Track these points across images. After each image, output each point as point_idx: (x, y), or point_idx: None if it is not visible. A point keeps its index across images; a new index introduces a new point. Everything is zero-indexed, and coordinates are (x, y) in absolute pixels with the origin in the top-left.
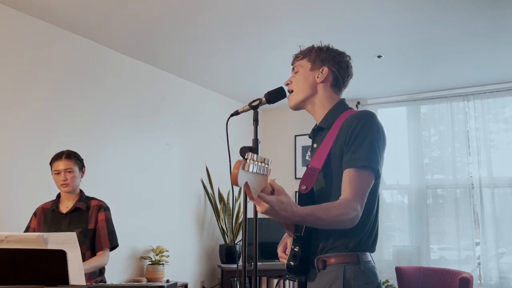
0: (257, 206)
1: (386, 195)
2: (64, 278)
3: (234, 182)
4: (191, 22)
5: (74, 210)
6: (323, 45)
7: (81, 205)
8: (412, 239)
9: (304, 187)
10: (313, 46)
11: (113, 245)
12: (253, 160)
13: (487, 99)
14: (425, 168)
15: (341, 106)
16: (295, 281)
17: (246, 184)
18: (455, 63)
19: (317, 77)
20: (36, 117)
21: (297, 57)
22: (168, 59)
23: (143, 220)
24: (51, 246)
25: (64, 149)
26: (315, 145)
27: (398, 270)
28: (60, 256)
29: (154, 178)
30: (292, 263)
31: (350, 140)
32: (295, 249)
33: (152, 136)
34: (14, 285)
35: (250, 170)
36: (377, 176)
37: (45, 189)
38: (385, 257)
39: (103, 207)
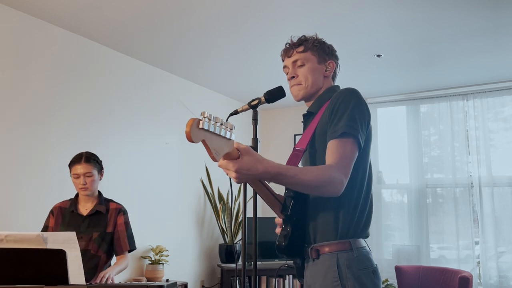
0: (228, 173)
1: (385, 195)
2: (64, 278)
3: (188, 138)
4: (190, 21)
5: (94, 213)
6: (316, 37)
7: (102, 208)
8: (412, 238)
9: None
10: (306, 37)
11: (132, 248)
12: (209, 119)
13: (486, 98)
14: (424, 168)
15: (330, 91)
16: (288, 266)
17: (204, 142)
18: (455, 62)
19: (326, 71)
20: (35, 117)
21: (296, 49)
22: (167, 58)
23: (142, 219)
24: (50, 245)
25: (63, 149)
26: (305, 130)
27: (398, 269)
28: (60, 256)
29: (153, 177)
30: (282, 243)
31: (332, 115)
32: (287, 229)
33: (151, 135)
34: (14, 284)
35: (206, 127)
36: (359, 144)
37: (45, 188)
38: (384, 256)
39: (122, 211)
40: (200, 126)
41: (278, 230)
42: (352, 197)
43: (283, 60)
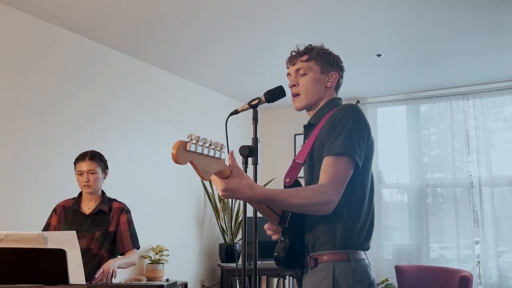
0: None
1: (385, 194)
2: (64, 277)
3: (175, 161)
4: (190, 20)
5: (97, 212)
6: (323, 47)
7: (104, 207)
8: (412, 238)
9: (287, 180)
10: (312, 47)
11: (136, 247)
12: (196, 141)
13: (486, 98)
14: (424, 167)
15: (332, 103)
16: (289, 275)
17: (192, 163)
18: (455, 62)
19: (328, 82)
20: (35, 116)
21: (301, 57)
22: (168, 58)
23: (142, 219)
24: (51, 245)
25: (63, 148)
26: (305, 141)
27: (398, 269)
28: (60, 255)
29: (153, 177)
30: (280, 255)
31: (330, 131)
32: (285, 241)
33: (152, 135)
34: (14, 284)
35: (193, 149)
36: (356, 165)
37: (45, 188)
38: (384, 256)
39: (124, 210)
40: (187, 149)
41: (270, 233)
42: (350, 209)
43: (287, 67)
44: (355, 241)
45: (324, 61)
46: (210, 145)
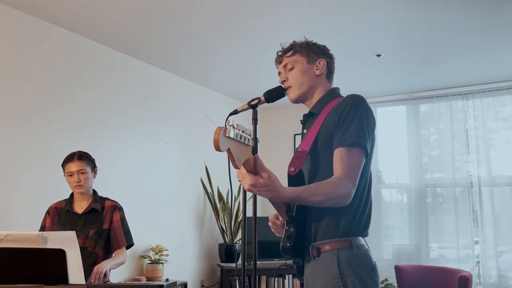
0: (241, 182)
1: (385, 194)
2: (64, 277)
3: (216, 147)
4: (191, 20)
5: (90, 211)
6: (306, 40)
7: (97, 206)
8: (412, 238)
9: (292, 169)
10: (295, 42)
11: (129, 244)
12: (234, 126)
13: (486, 97)
14: (424, 167)
15: (332, 93)
16: (292, 263)
17: (229, 151)
18: (455, 62)
19: (316, 69)
20: (35, 116)
21: (286, 54)
22: (168, 58)
23: (142, 219)
24: (50, 245)
25: (63, 148)
26: (305, 131)
27: (398, 269)
28: (59, 255)
29: (153, 177)
30: (286, 244)
31: (340, 122)
32: (290, 230)
33: (151, 135)
34: (14, 284)
35: (231, 135)
36: (366, 154)
37: (45, 188)
38: (384, 255)
39: (117, 208)
40: (227, 135)
41: (273, 224)
42: (355, 200)
43: (277, 67)
44: (356, 229)
45: (309, 51)
46: (243, 131)
